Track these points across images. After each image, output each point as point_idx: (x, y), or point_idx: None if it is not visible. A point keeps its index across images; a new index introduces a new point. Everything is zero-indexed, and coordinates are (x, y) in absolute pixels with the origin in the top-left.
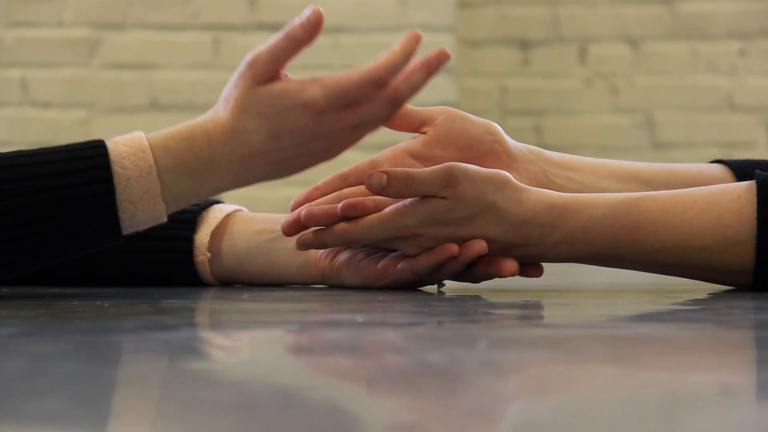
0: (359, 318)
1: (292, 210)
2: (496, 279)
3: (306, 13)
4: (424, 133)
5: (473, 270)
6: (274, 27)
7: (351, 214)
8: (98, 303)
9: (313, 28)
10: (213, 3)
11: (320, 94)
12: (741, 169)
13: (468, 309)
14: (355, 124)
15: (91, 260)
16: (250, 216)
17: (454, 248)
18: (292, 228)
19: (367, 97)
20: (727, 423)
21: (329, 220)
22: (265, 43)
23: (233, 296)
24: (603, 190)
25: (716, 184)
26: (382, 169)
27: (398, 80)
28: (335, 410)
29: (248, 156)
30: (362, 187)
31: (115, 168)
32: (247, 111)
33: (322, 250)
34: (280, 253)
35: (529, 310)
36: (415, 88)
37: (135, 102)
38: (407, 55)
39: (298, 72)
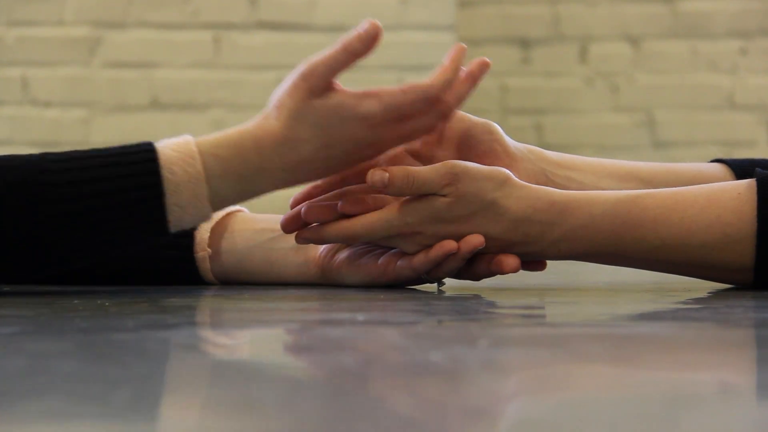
0: (360, 317)
1: (292, 207)
2: (497, 277)
3: (364, 25)
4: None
5: (474, 268)
6: (275, 26)
7: (351, 211)
8: (99, 302)
9: (370, 41)
10: (213, 2)
11: (377, 109)
12: (741, 168)
13: (468, 308)
14: (405, 134)
15: None
16: (251, 216)
17: (452, 245)
18: (292, 224)
19: (419, 111)
20: (728, 422)
21: (329, 217)
22: (321, 53)
23: (234, 295)
24: (603, 189)
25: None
26: (383, 167)
27: (448, 93)
28: (336, 409)
29: (297, 163)
30: (362, 186)
31: (165, 173)
32: (301, 121)
33: (321, 249)
34: (280, 252)
35: (530, 309)
36: (461, 99)
37: (135, 101)
38: (457, 69)
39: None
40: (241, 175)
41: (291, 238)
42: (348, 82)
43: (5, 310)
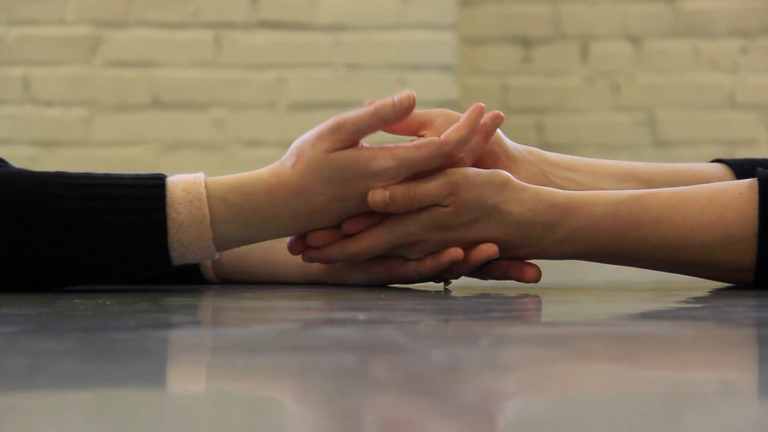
0: (361, 316)
1: None
2: None
3: (400, 95)
4: (423, 135)
5: (489, 270)
6: (276, 25)
7: (354, 231)
8: (100, 301)
9: (403, 112)
10: (214, 1)
11: (391, 165)
12: (742, 168)
13: (469, 307)
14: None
15: None
16: None
17: (458, 252)
18: (298, 246)
19: (432, 165)
20: (729, 420)
21: (333, 239)
22: (352, 112)
23: (235, 294)
24: (602, 190)
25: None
26: (383, 186)
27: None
28: (337, 408)
29: (309, 213)
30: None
31: (170, 212)
32: (317, 173)
33: None
34: (281, 252)
35: (531, 308)
36: (473, 152)
37: (136, 100)
38: (473, 128)
39: (299, 70)
40: (250, 221)
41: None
42: (349, 83)
43: (6, 309)
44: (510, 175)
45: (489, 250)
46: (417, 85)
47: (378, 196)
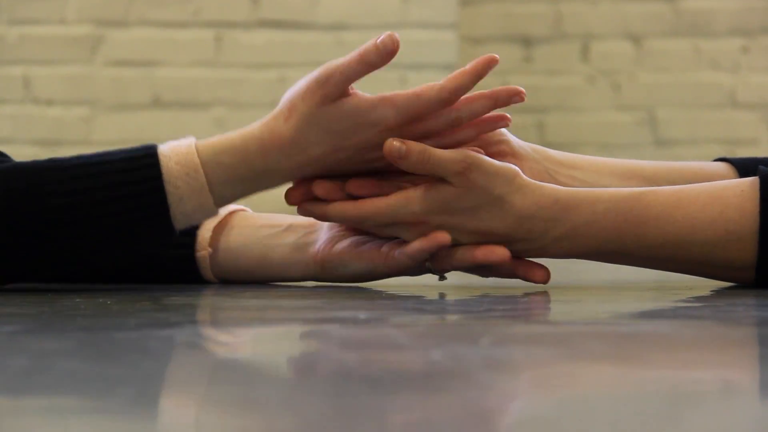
0: (361, 315)
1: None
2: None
3: (382, 37)
4: None
5: (494, 269)
6: (276, 24)
7: (358, 193)
8: (101, 300)
9: (386, 54)
10: (215, 0)
11: (391, 114)
12: (745, 167)
13: (470, 306)
14: (414, 138)
15: None
16: (252, 215)
17: (445, 238)
18: (297, 195)
19: (431, 113)
20: (730, 420)
21: (336, 195)
22: (337, 60)
23: (235, 293)
24: (606, 188)
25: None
26: (401, 140)
27: (461, 102)
28: (337, 407)
29: (305, 163)
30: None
31: (169, 188)
32: (312, 125)
33: (319, 244)
34: (277, 250)
35: (532, 307)
36: (474, 114)
37: (137, 99)
38: (476, 77)
39: (299, 69)
40: (246, 178)
41: (288, 236)
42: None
43: (7, 309)
44: (519, 170)
45: (501, 253)
46: (418, 84)
47: (395, 146)
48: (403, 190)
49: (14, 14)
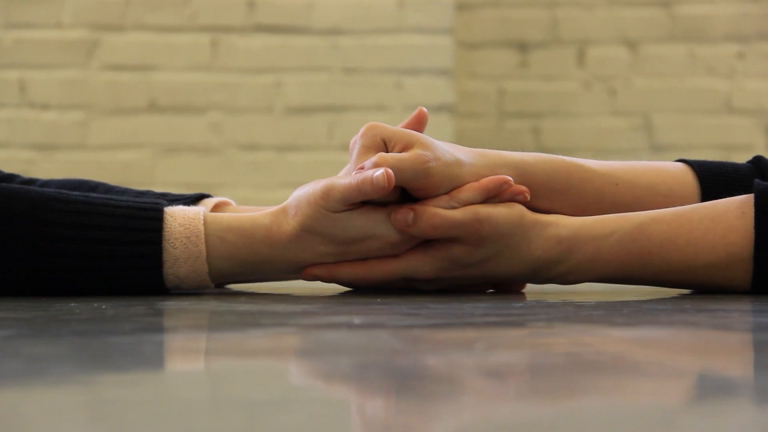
0: (356, 320)
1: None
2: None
3: (378, 173)
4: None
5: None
6: (273, 29)
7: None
8: (95, 305)
9: (380, 190)
10: (211, 5)
11: (396, 238)
12: (705, 170)
13: (465, 311)
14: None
15: None
16: (237, 209)
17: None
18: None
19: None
20: (725, 427)
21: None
22: (340, 180)
23: (230, 298)
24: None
25: (676, 181)
26: (408, 206)
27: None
28: (332, 412)
29: (309, 259)
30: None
31: (166, 246)
32: (316, 228)
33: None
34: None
35: (526, 313)
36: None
37: (133, 103)
38: (484, 195)
39: (295, 74)
40: (247, 261)
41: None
42: (346, 86)
43: (1, 313)
44: (523, 209)
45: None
46: (414, 89)
47: (401, 214)
48: (413, 253)
49: (10, 18)
